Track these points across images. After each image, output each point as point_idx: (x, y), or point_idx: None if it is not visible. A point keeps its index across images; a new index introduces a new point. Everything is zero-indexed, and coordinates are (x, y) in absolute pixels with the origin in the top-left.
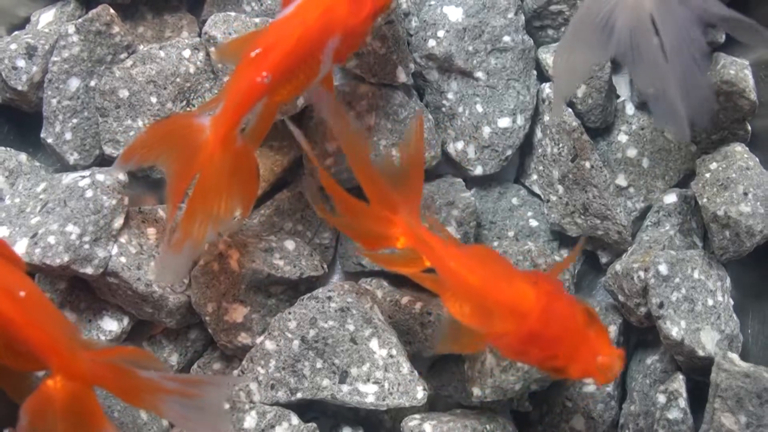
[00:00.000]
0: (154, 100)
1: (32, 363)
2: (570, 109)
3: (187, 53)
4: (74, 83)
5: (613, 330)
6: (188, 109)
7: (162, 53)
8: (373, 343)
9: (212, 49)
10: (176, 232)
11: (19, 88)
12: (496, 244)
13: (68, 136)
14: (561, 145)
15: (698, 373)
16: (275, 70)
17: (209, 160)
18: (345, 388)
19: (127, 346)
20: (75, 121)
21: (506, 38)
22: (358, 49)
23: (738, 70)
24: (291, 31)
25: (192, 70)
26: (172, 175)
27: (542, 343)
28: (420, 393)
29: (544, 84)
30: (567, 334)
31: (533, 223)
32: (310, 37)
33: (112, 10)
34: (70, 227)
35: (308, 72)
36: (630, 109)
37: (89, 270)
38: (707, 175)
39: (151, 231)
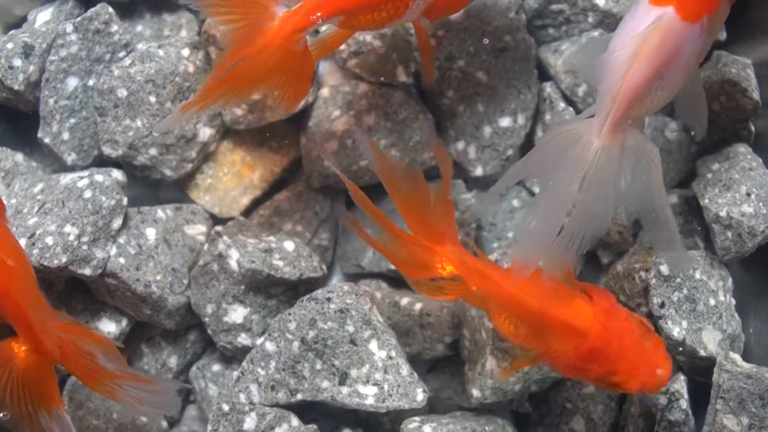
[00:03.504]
0: (153, 99)
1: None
2: (571, 108)
3: (186, 52)
4: (72, 82)
5: None
6: None
7: (161, 52)
8: (373, 345)
9: (212, 48)
10: (195, 98)
11: (16, 87)
12: (495, 245)
13: (66, 136)
14: None
15: (699, 374)
16: (348, 7)
17: (263, 48)
18: (345, 389)
19: (93, 332)
20: (73, 120)
21: (507, 37)
22: (454, 13)
23: (740, 69)
24: None
25: (191, 69)
26: (229, 41)
27: (602, 360)
28: (420, 395)
29: (545, 83)
30: (627, 350)
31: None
32: None
33: (110, 9)
34: (68, 228)
35: (392, 12)
36: None
37: (87, 271)
38: (709, 175)
39: (150, 231)
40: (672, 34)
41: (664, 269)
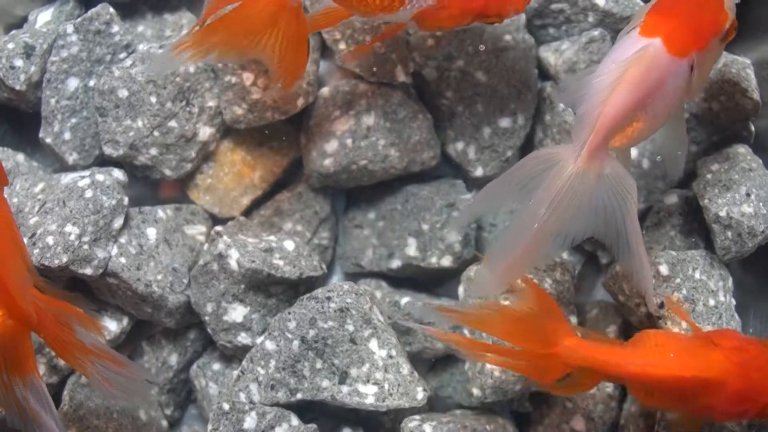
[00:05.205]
0: (153, 99)
1: None
2: (571, 109)
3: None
4: (73, 83)
5: (612, 330)
6: (188, 109)
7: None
8: (373, 344)
9: None
10: (186, 36)
11: (17, 87)
12: None
13: (67, 135)
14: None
15: None
16: None
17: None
18: (345, 389)
19: (74, 307)
20: (74, 120)
21: (507, 37)
22: (446, 29)
23: (740, 69)
24: None
25: (192, 69)
26: None
27: (754, 396)
28: (420, 394)
29: (545, 83)
30: None
31: None
32: None
33: (111, 9)
34: (69, 227)
35: (385, 4)
36: None
37: (88, 271)
38: (709, 176)
39: (151, 231)
40: (657, 66)
41: (664, 269)
